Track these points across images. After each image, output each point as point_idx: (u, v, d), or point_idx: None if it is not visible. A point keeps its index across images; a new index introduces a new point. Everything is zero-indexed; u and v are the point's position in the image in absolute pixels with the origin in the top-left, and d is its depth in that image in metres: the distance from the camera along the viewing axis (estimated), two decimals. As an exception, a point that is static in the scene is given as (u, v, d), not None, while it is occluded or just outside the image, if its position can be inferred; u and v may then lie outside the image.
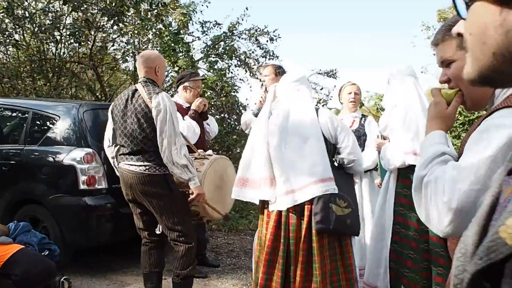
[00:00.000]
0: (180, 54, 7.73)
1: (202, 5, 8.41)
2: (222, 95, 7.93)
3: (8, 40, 7.22)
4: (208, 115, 4.38)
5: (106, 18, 6.80)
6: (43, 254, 3.52)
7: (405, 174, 2.74)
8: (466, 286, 0.52)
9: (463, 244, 0.56)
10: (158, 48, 7.69)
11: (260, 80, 8.89)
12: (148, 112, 3.10)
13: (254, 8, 22.10)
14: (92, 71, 8.26)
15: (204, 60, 8.51)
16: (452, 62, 1.28)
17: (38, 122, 4.50)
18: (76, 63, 8.27)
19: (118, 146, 3.27)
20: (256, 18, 26.89)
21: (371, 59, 33.52)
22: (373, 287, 2.89)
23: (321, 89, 9.06)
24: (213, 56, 8.56)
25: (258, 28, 8.64)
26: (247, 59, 8.61)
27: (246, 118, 4.44)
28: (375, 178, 3.71)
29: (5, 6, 6.50)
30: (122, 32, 7.36)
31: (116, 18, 6.43)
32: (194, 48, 8.54)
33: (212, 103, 7.57)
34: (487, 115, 1.09)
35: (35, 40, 7.62)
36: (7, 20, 6.95)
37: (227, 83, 8.09)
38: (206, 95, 7.15)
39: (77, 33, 6.36)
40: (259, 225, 2.77)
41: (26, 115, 4.50)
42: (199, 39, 8.73)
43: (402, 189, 2.75)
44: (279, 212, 2.58)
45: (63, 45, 7.92)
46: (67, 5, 6.66)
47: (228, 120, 8.24)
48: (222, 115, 8.18)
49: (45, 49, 7.83)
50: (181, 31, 7.96)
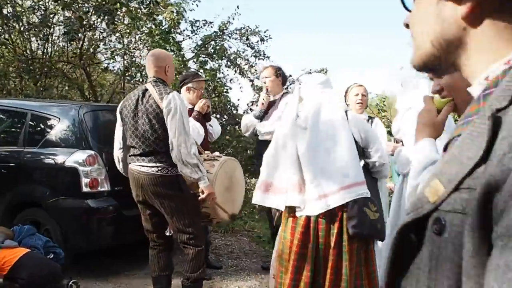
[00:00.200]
0: (171, 53, 7.63)
1: (192, 3, 8.36)
2: (214, 95, 7.88)
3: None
4: (211, 117, 4.35)
5: (99, 17, 6.66)
6: (48, 257, 3.47)
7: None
8: (396, 237, 0.60)
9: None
10: (148, 47, 7.58)
11: (251, 81, 8.94)
12: (160, 112, 3.06)
13: (252, 8, 22.01)
14: (81, 71, 8.10)
15: (195, 59, 8.44)
16: None
17: (37, 124, 4.41)
18: (65, 63, 8.10)
19: (128, 147, 3.23)
20: (255, 18, 26.81)
21: (369, 59, 33.71)
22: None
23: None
24: (203, 56, 8.50)
25: (249, 28, 8.61)
26: (237, 59, 8.57)
27: (248, 120, 4.40)
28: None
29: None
30: (115, 31, 7.22)
31: (110, 16, 6.31)
32: (183, 47, 8.46)
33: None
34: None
35: (22, 39, 7.43)
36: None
37: (219, 83, 8.04)
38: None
39: (72, 31, 6.21)
40: (281, 230, 2.65)
41: (25, 117, 4.39)
42: (190, 38, 8.66)
43: (416, 193, 2.77)
44: (308, 218, 2.49)
45: (51, 43, 7.75)
46: (58, 2, 6.51)
47: (220, 121, 8.20)
48: (215, 115, 8.13)
49: (32, 47, 7.65)
50: (171, 30, 7.87)
